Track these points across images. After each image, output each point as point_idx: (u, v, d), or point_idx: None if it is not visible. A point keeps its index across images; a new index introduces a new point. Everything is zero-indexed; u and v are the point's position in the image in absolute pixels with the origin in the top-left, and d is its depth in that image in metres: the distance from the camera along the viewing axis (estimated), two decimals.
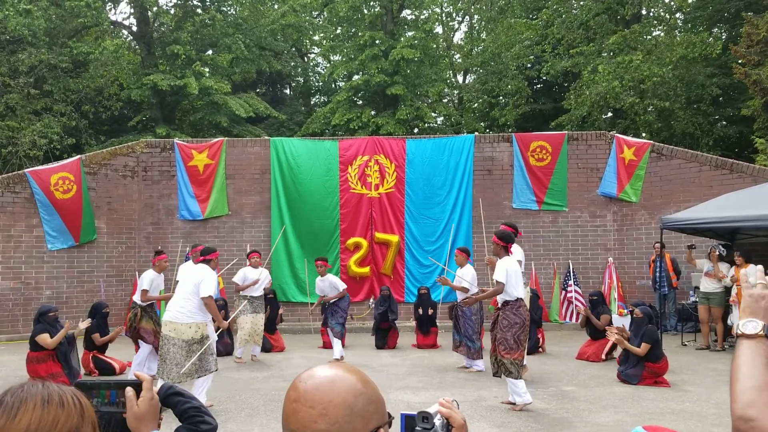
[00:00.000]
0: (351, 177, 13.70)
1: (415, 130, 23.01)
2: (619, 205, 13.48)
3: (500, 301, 6.79)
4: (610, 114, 20.90)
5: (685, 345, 10.77)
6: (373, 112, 22.00)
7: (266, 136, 14.96)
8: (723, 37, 19.68)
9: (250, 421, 6.26)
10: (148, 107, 21.12)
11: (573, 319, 13.05)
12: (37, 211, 12.51)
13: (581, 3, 20.83)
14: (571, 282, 13.28)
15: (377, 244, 13.65)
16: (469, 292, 8.72)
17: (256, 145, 14.13)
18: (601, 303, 9.97)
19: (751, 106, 15.74)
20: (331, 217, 13.68)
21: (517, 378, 6.54)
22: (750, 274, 1.55)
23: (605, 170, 13.56)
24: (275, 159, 13.77)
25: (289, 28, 23.90)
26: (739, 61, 16.09)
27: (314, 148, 13.89)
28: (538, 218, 13.68)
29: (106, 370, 8.54)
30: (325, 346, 10.97)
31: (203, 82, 19.42)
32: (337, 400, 1.13)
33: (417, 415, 1.25)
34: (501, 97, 24.30)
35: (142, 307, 8.46)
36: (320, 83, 28.97)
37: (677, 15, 21.51)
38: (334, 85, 27.08)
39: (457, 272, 9.02)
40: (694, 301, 11.17)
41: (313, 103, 29.27)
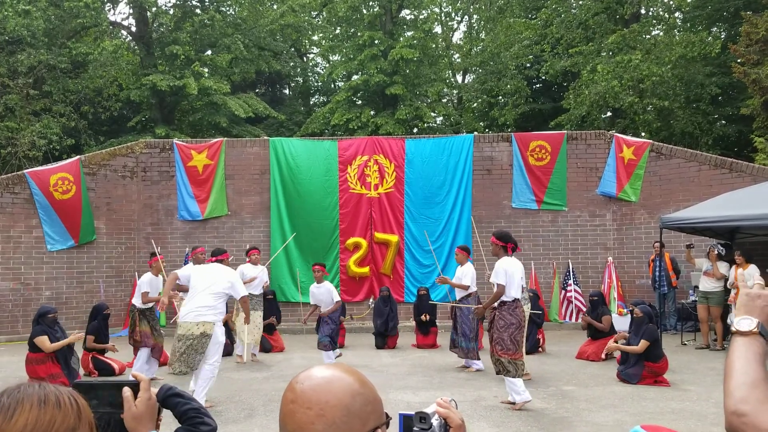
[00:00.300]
0: (350, 177, 13.70)
1: (415, 130, 23.01)
2: (618, 205, 13.48)
3: (497, 302, 6.80)
4: (609, 113, 20.89)
5: (685, 344, 10.77)
6: (373, 112, 22.00)
7: (265, 137, 14.94)
8: (722, 36, 19.68)
9: (249, 421, 6.26)
10: (148, 108, 21.11)
11: (573, 319, 13.05)
12: (37, 211, 12.51)
13: (580, 2, 20.83)
14: (571, 281, 13.28)
15: (377, 244, 13.65)
16: (470, 290, 8.74)
17: (255, 145, 14.12)
18: (601, 303, 9.96)
19: (751, 105, 15.74)
20: (331, 217, 13.68)
21: (515, 376, 6.55)
22: (750, 276, 1.56)
23: (604, 170, 13.56)
24: (274, 159, 13.77)
25: (288, 28, 23.90)
26: (738, 60, 16.09)
27: (313, 148, 13.88)
28: (538, 218, 13.68)
29: (106, 371, 8.54)
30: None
31: (202, 82, 19.42)
32: (334, 401, 1.13)
33: (414, 416, 1.24)
34: (500, 97, 24.30)
35: (140, 311, 8.46)
36: (319, 83, 28.98)
37: (676, 14, 21.52)
38: (333, 85, 27.08)
39: (457, 271, 9.02)
40: (693, 301, 11.17)
41: (312, 103, 29.27)
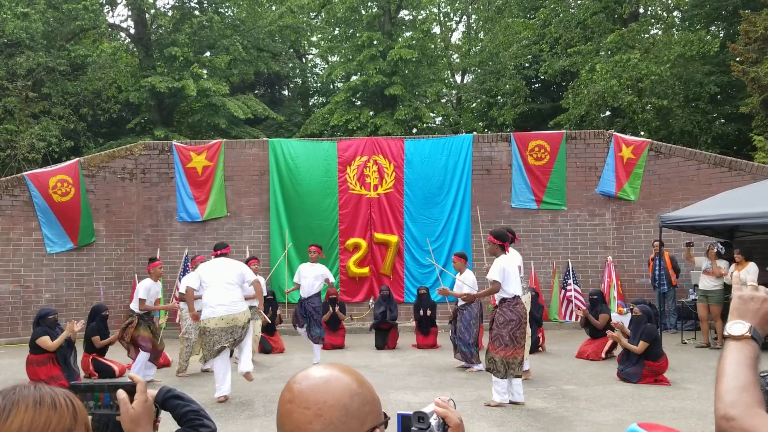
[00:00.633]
0: (350, 177, 13.70)
1: (414, 131, 23.01)
2: (617, 204, 13.48)
3: (498, 299, 6.82)
4: (608, 113, 20.89)
5: (685, 343, 10.77)
6: (372, 113, 22.00)
7: (264, 138, 14.95)
8: (721, 35, 19.68)
9: (249, 422, 6.26)
10: (147, 109, 21.11)
11: (573, 318, 13.05)
12: (36, 214, 12.50)
13: (579, 2, 20.83)
14: (571, 281, 13.28)
15: (376, 244, 13.65)
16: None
17: (254, 146, 14.12)
18: (601, 302, 9.97)
19: (750, 104, 15.74)
20: (330, 217, 13.68)
21: (503, 377, 6.58)
22: (750, 273, 1.55)
23: (604, 169, 13.56)
24: (273, 160, 13.77)
25: (287, 30, 23.89)
26: (737, 59, 16.09)
27: (313, 149, 13.89)
28: (537, 217, 13.68)
29: (106, 372, 8.54)
30: (324, 347, 10.96)
31: (201, 83, 19.41)
32: (332, 401, 1.12)
33: (413, 415, 1.24)
34: (499, 97, 24.30)
35: (139, 315, 8.46)
36: (318, 84, 28.98)
37: (675, 13, 21.53)
38: (332, 86, 27.07)
39: (458, 277, 9.01)
40: (693, 299, 11.17)
41: (311, 104, 29.27)
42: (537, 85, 24.65)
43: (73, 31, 19.93)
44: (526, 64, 23.38)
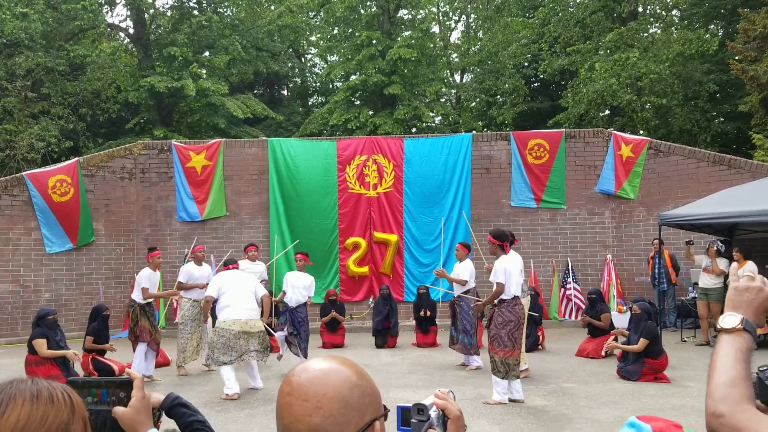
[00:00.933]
0: (349, 177, 13.70)
1: (413, 130, 23.00)
2: (617, 202, 13.48)
3: (496, 300, 6.80)
4: (607, 112, 20.89)
5: (685, 341, 10.77)
6: (371, 112, 21.99)
7: (264, 137, 14.93)
8: (720, 34, 19.67)
9: (250, 421, 6.26)
10: (146, 109, 21.09)
11: (572, 317, 13.06)
12: (35, 214, 12.49)
13: (578, 1, 20.82)
14: (570, 279, 13.28)
15: (376, 243, 13.64)
16: (468, 285, 8.74)
17: (253, 145, 14.12)
18: (600, 301, 9.97)
19: (749, 102, 15.74)
20: (330, 217, 13.67)
21: (503, 377, 6.58)
22: (748, 272, 1.54)
23: (603, 167, 13.56)
24: (273, 159, 13.75)
25: (286, 29, 23.86)
26: (736, 57, 16.09)
27: (312, 148, 13.88)
28: (537, 216, 13.68)
29: (105, 372, 8.50)
30: (324, 346, 10.98)
31: (200, 83, 19.39)
32: (331, 393, 1.12)
33: (412, 407, 1.24)
34: (498, 96, 24.29)
35: (140, 306, 8.48)
36: (317, 84, 28.95)
37: (674, 12, 21.52)
38: (331, 86, 27.07)
39: (455, 267, 9.03)
40: (693, 297, 11.17)
41: (310, 103, 29.25)
42: (536, 84, 24.65)
43: (72, 31, 19.91)
44: (525, 63, 23.38)
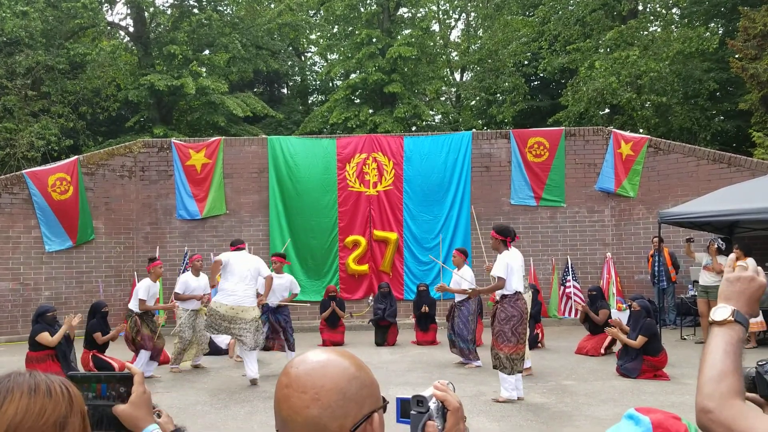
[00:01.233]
0: (349, 175, 13.69)
1: (413, 128, 22.99)
2: (617, 200, 13.48)
3: (498, 295, 6.79)
4: (607, 110, 20.89)
5: (685, 339, 10.77)
6: (371, 111, 21.97)
7: (264, 135, 14.92)
8: (720, 32, 19.67)
9: (250, 418, 6.26)
10: (146, 108, 21.08)
11: (572, 315, 13.06)
12: (35, 212, 12.50)
13: None
14: (570, 277, 13.28)
15: (376, 241, 13.64)
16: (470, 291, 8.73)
17: (253, 143, 14.11)
18: (600, 298, 9.98)
19: (749, 101, 15.74)
20: (330, 215, 13.67)
21: (510, 373, 6.56)
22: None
23: (603, 165, 13.55)
24: (273, 157, 13.75)
25: (286, 27, 23.85)
26: (736, 56, 16.09)
27: (312, 146, 13.88)
28: (537, 214, 13.68)
29: (106, 369, 8.52)
30: (324, 344, 10.98)
31: (200, 82, 19.38)
32: (329, 385, 1.12)
33: (411, 399, 1.24)
34: (498, 95, 24.28)
35: (138, 315, 8.48)
36: (317, 82, 28.94)
37: (674, 10, 21.52)
38: (331, 84, 27.05)
39: (456, 272, 9.01)
40: (693, 295, 11.17)
41: (310, 102, 29.24)
42: (536, 83, 24.65)
43: (72, 30, 19.90)
44: (525, 62, 23.37)
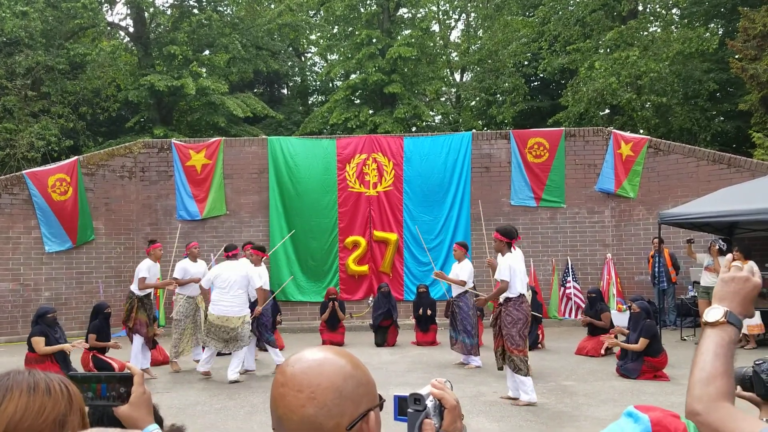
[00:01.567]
0: (349, 175, 13.69)
1: (413, 129, 22.98)
2: (617, 201, 13.47)
3: (502, 298, 6.74)
4: (607, 110, 20.88)
5: (685, 340, 10.77)
6: (371, 111, 21.98)
7: (264, 136, 14.92)
8: (720, 32, 19.67)
9: (249, 418, 6.26)
10: (146, 108, 21.08)
11: (572, 315, 13.05)
12: (35, 212, 12.49)
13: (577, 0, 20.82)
14: (570, 278, 13.27)
15: (376, 242, 13.63)
16: (467, 286, 8.73)
17: (253, 144, 14.11)
18: (599, 300, 9.97)
19: (749, 101, 15.74)
20: (330, 215, 13.67)
21: (526, 375, 6.52)
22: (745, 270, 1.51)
23: (603, 166, 13.55)
24: (273, 158, 13.75)
25: (286, 28, 23.85)
26: (736, 56, 16.09)
27: (312, 147, 13.87)
28: (536, 215, 13.67)
29: (106, 370, 8.51)
30: (324, 344, 10.96)
31: (200, 82, 19.38)
32: (325, 384, 1.12)
33: (409, 397, 1.24)
34: (498, 95, 24.28)
35: (138, 298, 8.49)
36: (317, 82, 28.95)
37: (674, 10, 21.51)
38: (331, 85, 27.05)
39: (454, 267, 9.01)
40: (693, 296, 11.17)
41: (310, 102, 29.24)
42: (536, 83, 24.65)
43: (72, 30, 19.90)
44: (525, 62, 23.36)
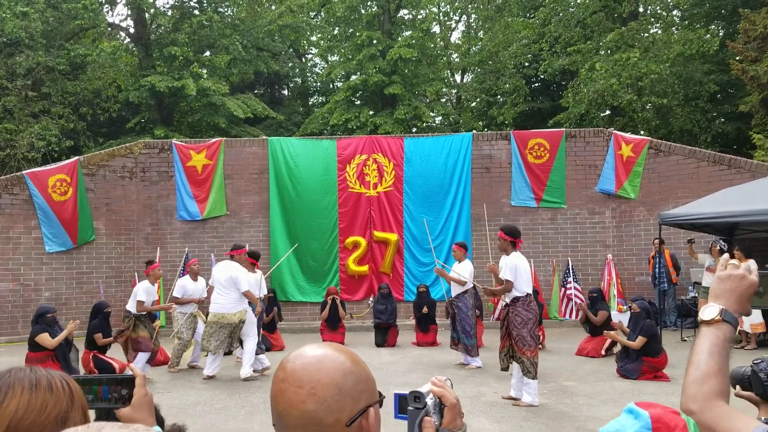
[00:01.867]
0: (349, 176, 13.69)
1: (414, 130, 22.98)
2: (617, 202, 13.47)
3: (509, 298, 6.71)
4: (608, 112, 20.88)
5: (685, 340, 10.76)
6: (371, 112, 21.98)
7: (264, 137, 14.93)
8: (720, 34, 19.67)
9: (250, 418, 6.26)
10: (146, 109, 21.10)
11: (572, 316, 13.04)
12: (36, 213, 12.50)
13: (578, 1, 20.82)
14: (571, 279, 13.27)
15: (376, 242, 13.63)
16: (467, 285, 8.72)
17: (254, 144, 14.12)
18: (600, 300, 9.97)
19: (749, 102, 15.74)
20: (330, 216, 13.67)
21: (534, 378, 6.51)
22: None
23: (603, 167, 13.55)
24: (273, 159, 13.75)
25: (287, 29, 23.87)
26: (737, 58, 16.09)
27: (312, 148, 13.88)
28: (537, 215, 13.67)
29: (106, 370, 8.50)
30: None
31: (201, 83, 19.39)
32: (325, 380, 1.12)
33: (409, 395, 1.24)
34: (499, 96, 24.28)
35: (136, 317, 8.47)
36: (318, 84, 28.96)
37: (674, 12, 21.52)
38: (331, 86, 27.06)
39: (454, 267, 9.01)
40: (693, 297, 11.17)
41: (311, 103, 29.26)
42: (537, 84, 24.64)
43: (73, 31, 19.93)
44: (526, 63, 23.37)
